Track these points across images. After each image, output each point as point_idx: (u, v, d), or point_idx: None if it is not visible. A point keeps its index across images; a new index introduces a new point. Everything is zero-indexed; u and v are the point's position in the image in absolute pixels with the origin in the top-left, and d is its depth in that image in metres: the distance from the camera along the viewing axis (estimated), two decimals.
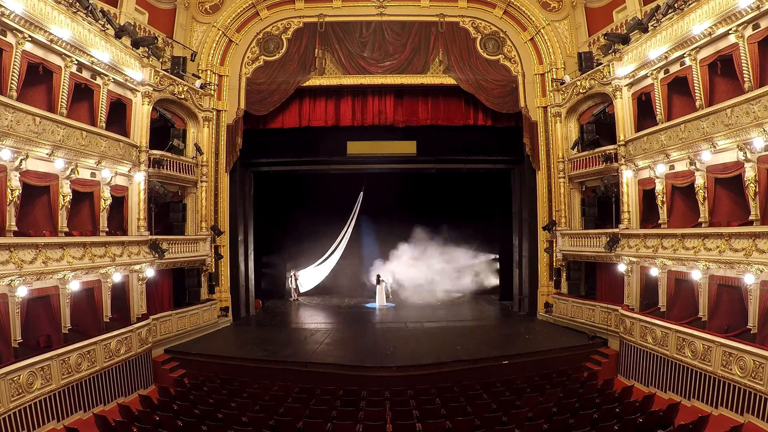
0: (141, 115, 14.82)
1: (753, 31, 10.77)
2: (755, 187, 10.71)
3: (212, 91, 17.94)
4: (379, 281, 21.45)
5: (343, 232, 23.23)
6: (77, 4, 12.48)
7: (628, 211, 14.91)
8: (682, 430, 7.93)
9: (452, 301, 22.48)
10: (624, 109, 15.13)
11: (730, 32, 11.18)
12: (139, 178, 14.62)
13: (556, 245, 17.87)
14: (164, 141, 16.18)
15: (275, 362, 13.30)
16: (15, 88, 10.62)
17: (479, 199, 23.14)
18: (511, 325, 18.02)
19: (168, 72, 16.03)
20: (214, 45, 18.13)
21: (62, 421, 10.11)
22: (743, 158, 10.90)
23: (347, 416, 9.02)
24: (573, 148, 17.53)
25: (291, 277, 23.24)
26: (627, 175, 14.96)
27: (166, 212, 16.85)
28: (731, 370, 10.01)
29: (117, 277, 13.21)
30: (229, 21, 18.18)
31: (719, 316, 11.67)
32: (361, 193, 22.92)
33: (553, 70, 18.21)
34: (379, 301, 21.11)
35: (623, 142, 15.01)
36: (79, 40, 12.22)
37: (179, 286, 16.85)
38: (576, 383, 11.08)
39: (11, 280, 10.06)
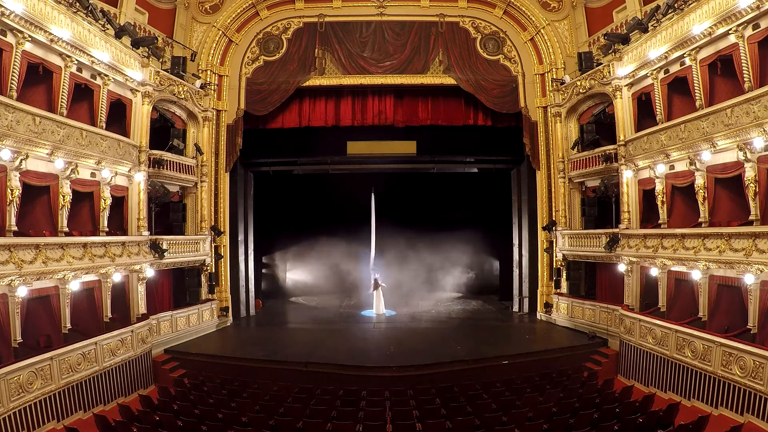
0: (141, 115, 14.81)
1: (753, 31, 10.77)
2: (755, 187, 10.71)
3: (212, 91, 17.94)
4: (377, 286, 19.59)
5: (372, 236, 22.65)
6: (77, 4, 12.48)
7: (628, 211, 14.90)
8: (682, 430, 7.92)
9: (452, 301, 22.49)
10: (624, 109, 15.13)
11: (730, 32, 11.17)
12: (139, 178, 14.62)
13: (556, 245, 17.87)
14: (164, 141, 16.18)
15: (275, 362, 13.29)
16: (15, 88, 10.62)
17: (479, 199, 23.13)
18: (511, 325, 18.03)
19: (168, 72, 16.02)
20: (214, 45, 18.13)
21: (62, 421, 10.11)
22: (743, 158, 10.90)
23: (347, 416, 9.02)
24: (573, 148, 17.52)
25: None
26: (627, 175, 14.96)
27: (166, 212, 16.84)
28: (731, 370, 10.01)
29: (117, 277, 13.21)
30: (229, 21, 18.18)
31: (719, 316, 11.68)
32: (372, 195, 22.75)
33: (553, 70, 18.20)
34: (377, 309, 19.32)
35: (623, 142, 15.01)
36: (79, 40, 12.21)
37: (179, 286, 16.86)
38: (576, 383, 11.08)
39: (11, 280, 10.06)
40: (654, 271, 13.36)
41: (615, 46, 15.35)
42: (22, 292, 10.32)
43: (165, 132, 16.40)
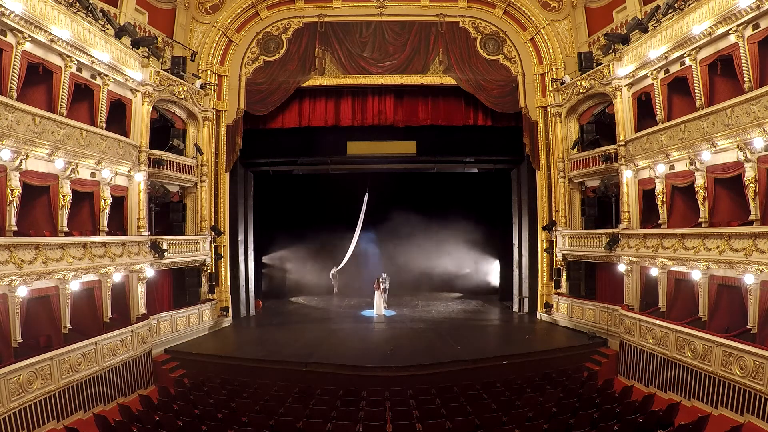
0: (141, 115, 14.81)
1: (753, 31, 10.77)
2: (755, 187, 10.71)
3: (212, 91, 17.93)
4: (378, 286, 19.53)
5: (355, 235, 22.77)
6: (77, 4, 12.49)
7: (628, 211, 14.90)
8: (682, 430, 7.93)
9: (452, 301, 22.49)
10: (624, 109, 15.13)
11: (730, 32, 11.18)
12: (139, 178, 14.62)
13: (556, 245, 17.86)
14: (164, 141, 16.18)
15: (275, 362, 13.29)
16: (15, 88, 10.62)
17: (479, 199, 23.13)
18: (511, 325, 18.03)
19: (168, 72, 16.02)
20: (214, 45, 18.13)
21: (62, 421, 10.12)
22: (743, 158, 10.90)
23: (347, 416, 9.02)
24: (573, 148, 17.52)
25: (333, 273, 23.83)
26: (627, 175, 14.95)
27: (166, 212, 16.84)
28: (731, 370, 10.01)
29: (117, 277, 13.21)
30: (229, 21, 18.18)
31: (719, 316, 11.68)
32: (366, 195, 22.75)
33: (553, 70, 18.20)
34: (377, 309, 19.21)
35: (623, 142, 15.01)
36: (79, 40, 12.21)
37: (179, 286, 16.85)
38: (576, 383, 11.08)
39: (11, 280, 10.06)
40: (654, 271, 13.36)
41: (615, 46, 15.35)
42: (22, 292, 10.32)
43: (165, 132, 16.40)
